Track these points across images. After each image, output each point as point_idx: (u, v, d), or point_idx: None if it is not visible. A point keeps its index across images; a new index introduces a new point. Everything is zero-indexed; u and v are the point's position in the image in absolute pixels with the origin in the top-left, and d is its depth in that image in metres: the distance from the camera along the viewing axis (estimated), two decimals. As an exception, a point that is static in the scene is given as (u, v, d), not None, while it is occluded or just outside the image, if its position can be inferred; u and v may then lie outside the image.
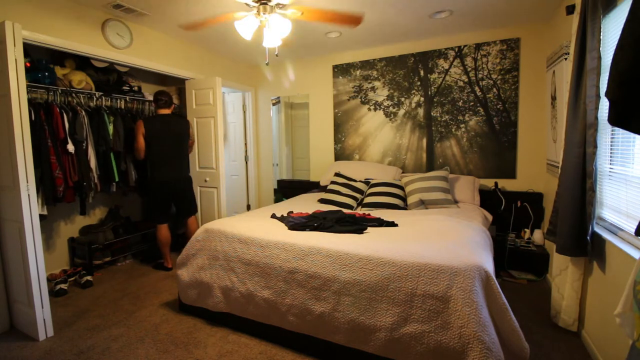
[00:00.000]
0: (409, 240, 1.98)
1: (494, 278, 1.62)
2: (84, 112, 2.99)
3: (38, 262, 2.13)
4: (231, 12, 2.35)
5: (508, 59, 3.38)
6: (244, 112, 4.90)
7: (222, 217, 3.37)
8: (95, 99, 3.22)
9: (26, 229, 2.06)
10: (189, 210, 3.38)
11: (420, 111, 3.83)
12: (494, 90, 3.46)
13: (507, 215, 3.33)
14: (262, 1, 2.16)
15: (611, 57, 1.13)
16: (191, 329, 2.27)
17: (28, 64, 2.70)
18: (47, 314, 2.18)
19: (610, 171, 1.88)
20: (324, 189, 3.87)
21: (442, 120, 3.72)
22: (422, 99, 3.81)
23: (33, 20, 2.44)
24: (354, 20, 2.44)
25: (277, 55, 2.80)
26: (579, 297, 2.08)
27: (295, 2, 2.39)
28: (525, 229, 3.27)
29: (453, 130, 3.68)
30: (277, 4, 2.20)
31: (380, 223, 2.40)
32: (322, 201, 3.32)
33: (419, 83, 3.81)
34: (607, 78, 1.08)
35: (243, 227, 2.32)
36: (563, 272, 2.17)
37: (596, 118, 1.80)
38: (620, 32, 1.04)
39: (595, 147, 1.81)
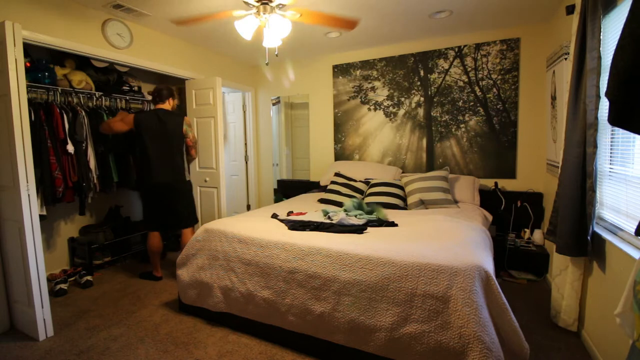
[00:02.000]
0: (409, 240, 1.98)
1: (494, 278, 1.62)
2: (84, 112, 2.99)
3: (38, 262, 2.13)
4: (228, 9, 2.35)
5: (508, 59, 3.38)
6: (244, 112, 4.90)
7: (222, 217, 3.37)
8: (95, 99, 3.22)
9: (26, 229, 2.06)
10: (179, 221, 3.01)
11: (420, 111, 3.83)
12: (494, 90, 3.46)
13: (507, 215, 3.33)
14: (263, 1, 2.16)
15: (611, 57, 1.13)
16: (191, 329, 2.27)
17: (28, 64, 2.70)
18: (47, 314, 2.18)
19: (610, 171, 1.88)
20: (324, 189, 3.87)
21: (442, 120, 3.72)
22: (422, 99, 3.81)
23: (33, 20, 2.44)
24: (349, 24, 2.52)
25: (277, 55, 2.80)
26: (579, 297, 2.08)
27: (295, 5, 2.40)
28: (525, 229, 3.27)
29: (453, 130, 3.68)
30: (278, 5, 2.20)
31: (380, 223, 2.40)
32: (322, 201, 3.33)
33: (419, 83, 3.81)
34: (607, 78, 1.08)
35: (243, 227, 2.32)
36: (563, 272, 2.17)
37: (596, 118, 1.80)
38: (620, 32, 1.04)
39: (595, 147, 1.81)
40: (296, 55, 4.33)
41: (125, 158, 3.35)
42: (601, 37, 1.79)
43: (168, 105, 2.98)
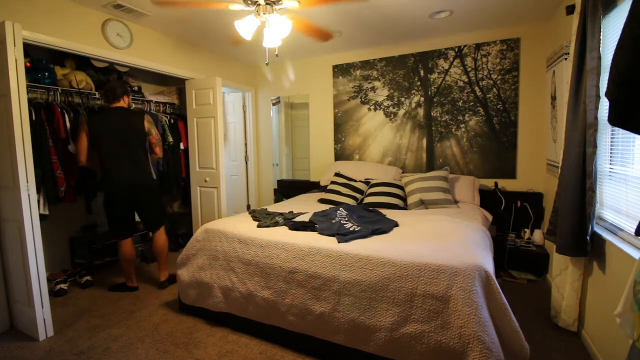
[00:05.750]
0: (409, 240, 1.98)
1: (494, 278, 1.62)
2: (85, 113, 2.99)
3: (38, 262, 2.13)
4: (224, 3, 2.30)
5: (508, 59, 3.38)
6: (244, 112, 4.90)
7: (222, 217, 3.37)
8: (94, 98, 3.22)
9: (26, 229, 2.07)
10: (148, 223, 2.91)
11: (420, 111, 3.83)
12: (494, 90, 3.46)
13: (507, 215, 3.33)
14: (258, 2, 2.14)
15: (611, 57, 1.13)
16: (191, 329, 2.27)
17: (28, 64, 2.70)
18: (47, 314, 2.18)
19: (610, 171, 1.88)
20: (324, 189, 3.87)
21: (442, 120, 3.72)
22: (422, 99, 3.81)
23: (33, 20, 2.44)
24: (324, 36, 2.63)
25: (277, 55, 2.79)
26: (579, 297, 2.08)
27: (291, 11, 2.38)
28: (525, 229, 3.27)
29: (453, 130, 3.68)
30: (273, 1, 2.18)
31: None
32: (322, 201, 3.32)
33: (419, 83, 3.81)
34: (607, 78, 1.08)
35: (243, 227, 2.32)
36: (563, 272, 2.17)
37: (596, 118, 1.80)
38: (620, 32, 1.04)
39: (595, 147, 1.81)
40: (296, 55, 4.32)
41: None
42: (601, 37, 1.79)
43: (124, 103, 2.77)
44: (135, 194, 2.72)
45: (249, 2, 2.16)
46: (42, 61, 2.83)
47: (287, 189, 4.73)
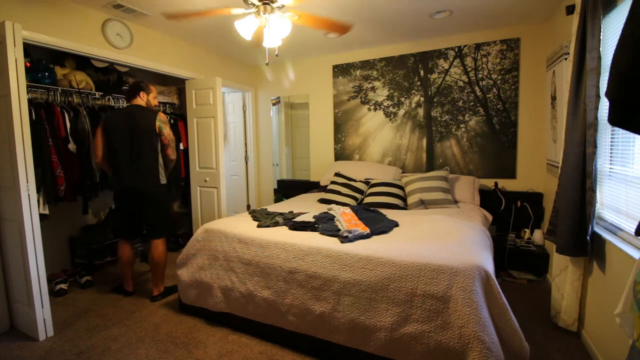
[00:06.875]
0: (409, 240, 1.98)
1: (494, 278, 1.62)
2: (85, 112, 2.99)
3: (38, 262, 2.13)
4: (224, 7, 2.34)
5: (508, 59, 3.38)
6: (244, 112, 4.90)
7: (222, 217, 3.37)
8: (94, 98, 3.22)
9: (26, 229, 2.07)
10: (147, 229, 2.71)
11: (420, 111, 3.83)
12: (494, 90, 3.46)
13: (507, 215, 3.33)
14: (264, 1, 2.16)
15: (611, 57, 1.13)
16: (191, 329, 2.27)
17: (28, 64, 2.70)
18: (47, 314, 2.18)
19: (610, 171, 1.88)
20: (324, 189, 3.87)
21: (442, 120, 3.72)
22: (422, 99, 3.81)
23: (33, 20, 2.44)
24: (342, 28, 2.66)
25: (277, 55, 2.80)
26: (579, 297, 2.08)
27: (294, 7, 2.41)
28: (525, 229, 3.27)
29: (453, 130, 3.68)
30: (279, 6, 2.20)
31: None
32: (322, 201, 3.33)
33: (419, 83, 3.81)
34: (607, 78, 1.08)
35: (243, 227, 2.32)
36: (563, 272, 2.17)
37: (596, 118, 1.80)
38: (620, 32, 1.04)
39: (595, 147, 1.81)
40: (296, 55, 4.32)
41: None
42: (601, 37, 1.79)
43: (141, 100, 2.65)
44: (136, 197, 2.59)
45: (250, 4, 2.17)
46: (42, 61, 2.84)
47: (287, 189, 4.73)
